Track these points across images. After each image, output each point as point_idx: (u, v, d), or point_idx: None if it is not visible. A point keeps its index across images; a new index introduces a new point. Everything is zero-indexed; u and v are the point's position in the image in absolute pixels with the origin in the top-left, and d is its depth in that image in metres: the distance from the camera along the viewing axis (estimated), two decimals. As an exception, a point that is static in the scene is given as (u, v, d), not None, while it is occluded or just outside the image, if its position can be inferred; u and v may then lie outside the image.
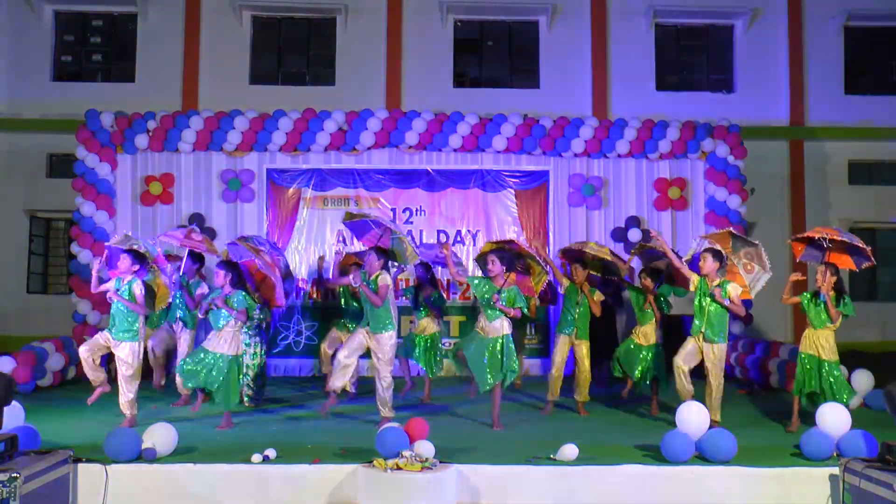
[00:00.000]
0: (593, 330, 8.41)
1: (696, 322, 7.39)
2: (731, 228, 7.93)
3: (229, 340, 7.30)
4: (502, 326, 7.29)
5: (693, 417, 6.18)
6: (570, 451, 5.92)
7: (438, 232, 12.09)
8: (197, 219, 11.76)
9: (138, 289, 7.10)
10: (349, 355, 7.39)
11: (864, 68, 14.99)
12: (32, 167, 14.01)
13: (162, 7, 14.27)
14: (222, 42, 14.24)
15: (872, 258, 7.66)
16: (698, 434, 6.04)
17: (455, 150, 12.08)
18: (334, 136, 11.90)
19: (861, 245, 7.48)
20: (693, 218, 12.25)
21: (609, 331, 10.16)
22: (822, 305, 7.34)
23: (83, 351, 7.20)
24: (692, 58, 14.96)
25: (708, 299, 7.32)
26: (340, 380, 7.42)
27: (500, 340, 7.27)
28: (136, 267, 7.19)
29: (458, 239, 12.02)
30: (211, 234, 11.70)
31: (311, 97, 13.12)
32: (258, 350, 8.61)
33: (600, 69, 14.33)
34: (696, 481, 5.75)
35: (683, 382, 7.37)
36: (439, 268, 10.55)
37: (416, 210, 12.08)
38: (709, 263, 7.33)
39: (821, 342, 7.40)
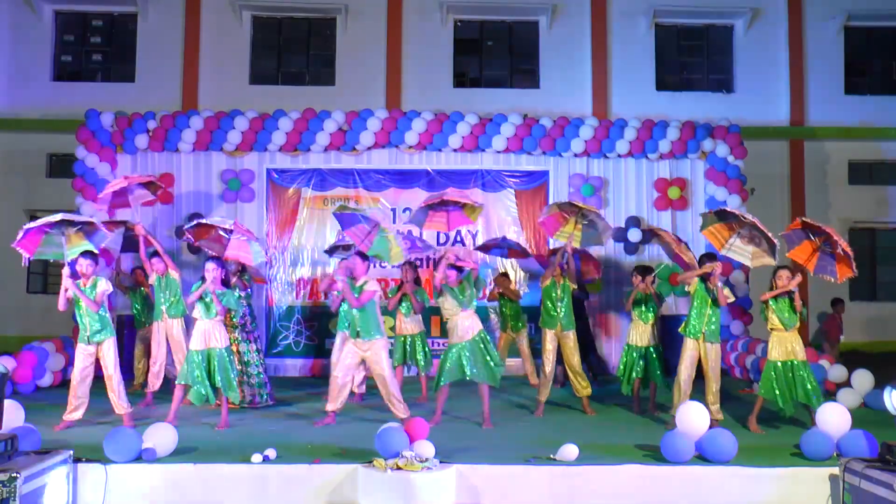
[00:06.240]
0: None
1: (695, 324, 7.42)
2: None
3: (218, 334, 7.36)
4: (473, 326, 7.44)
5: (693, 417, 6.18)
6: (570, 451, 5.92)
7: (438, 232, 12.08)
8: (197, 219, 11.73)
9: (102, 286, 7.21)
10: (346, 374, 7.43)
11: (864, 68, 15.00)
12: (32, 167, 14.02)
13: (162, 7, 14.27)
14: (222, 42, 14.25)
15: (837, 277, 7.51)
16: (698, 434, 6.04)
17: (455, 150, 12.07)
18: (334, 136, 11.90)
19: (851, 265, 7.37)
20: (693, 218, 12.22)
21: (580, 320, 9.49)
22: (789, 303, 7.36)
23: (79, 374, 7.29)
24: (692, 58, 14.96)
25: (709, 301, 7.39)
26: (341, 401, 7.47)
27: (480, 335, 7.45)
28: (97, 267, 7.34)
29: (458, 239, 11.99)
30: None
31: (311, 97, 13.11)
32: (247, 348, 8.61)
33: (600, 69, 14.33)
34: (696, 481, 5.76)
35: (682, 399, 7.38)
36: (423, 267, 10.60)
37: (416, 210, 12.06)
38: (717, 271, 7.47)
39: (794, 345, 7.43)
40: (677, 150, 12.11)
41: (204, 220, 8.62)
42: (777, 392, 7.38)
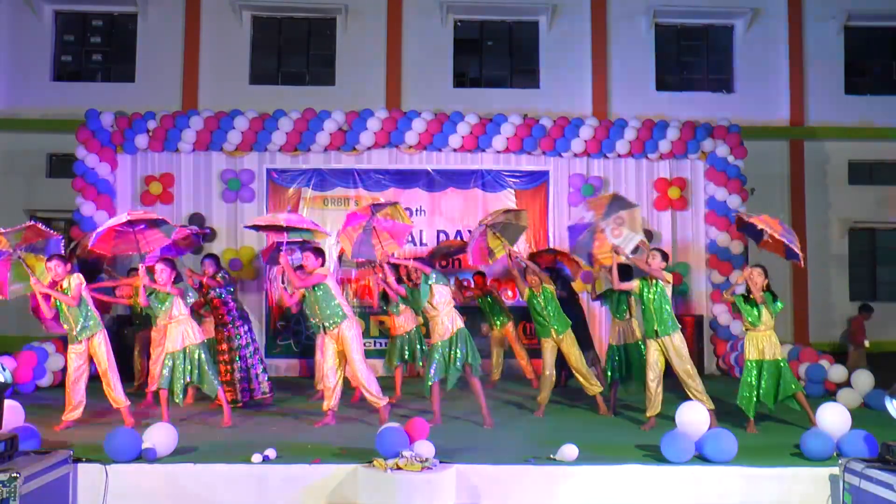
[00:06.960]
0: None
1: (646, 325, 7.44)
2: (616, 192, 8.01)
3: (191, 331, 7.41)
4: (453, 324, 7.43)
5: (693, 417, 6.19)
6: (570, 451, 5.92)
7: (438, 232, 12.09)
8: (197, 219, 11.76)
9: (75, 280, 7.23)
10: (334, 373, 7.45)
11: (864, 68, 15.01)
12: (32, 167, 14.02)
13: (162, 7, 14.28)
14: (222, 42, 14.25)
15: (801, 260, 7.61)
16: (698, 434, 6.05)
17: (455, 150, 12.08)
18: (334, 136, 11.90)
19: (796, 248, 7.43)
20: (693, 218, 12.26)
21: (574, 317, 9.14)
22: (756, 307, 7.37)
23: (73, 374, 7.33)
24: (692, 58, 14.97)
25: (652, 296, 7.34)
26: (336, 398, 7.49)
27: (458, 332, 7.43)
28: (67, 265, 7.35)
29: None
30: (211, 234, 11.74)
31: (311, 97, 13.12)
32: (237, 343, 8.62)
33: (600, 69, 14.33)
34: (696, 481, 5.76)
35: (653, 399, 7.37)
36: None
37: (417, 210, 12.06)
38: (657, 262, 7.42)
39: (764, 345, 7.42)
40: (677, 150, 12.11)
41: (101, 228, 7.74)
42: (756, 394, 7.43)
